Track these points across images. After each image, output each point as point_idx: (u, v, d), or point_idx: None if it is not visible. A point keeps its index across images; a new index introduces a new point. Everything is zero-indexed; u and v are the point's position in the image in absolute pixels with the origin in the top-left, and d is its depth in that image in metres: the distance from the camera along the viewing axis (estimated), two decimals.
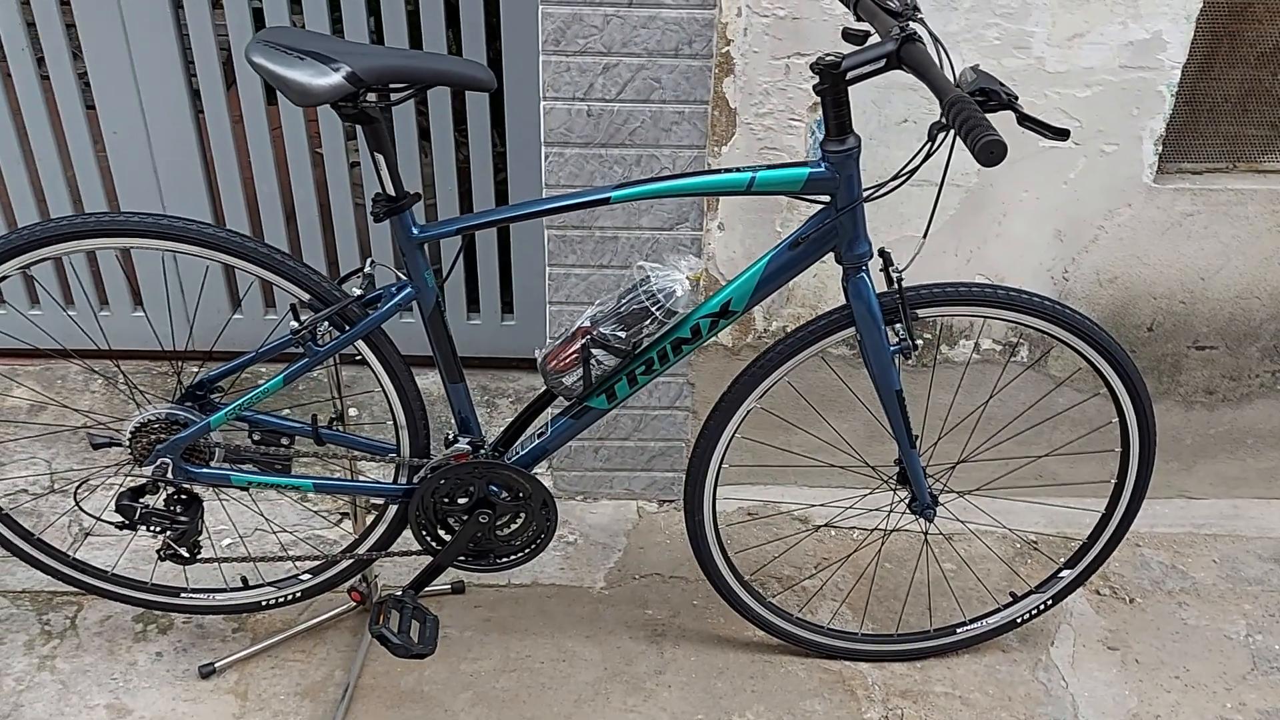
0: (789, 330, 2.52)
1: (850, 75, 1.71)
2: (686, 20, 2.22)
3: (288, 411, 2.78)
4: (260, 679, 2.28)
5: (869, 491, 2.30)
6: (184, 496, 2.07)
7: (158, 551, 2.10)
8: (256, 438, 2.10)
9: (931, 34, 1.78)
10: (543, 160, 2.35)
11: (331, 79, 1.65)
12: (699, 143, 2.34)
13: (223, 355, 2.13)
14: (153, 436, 2.00)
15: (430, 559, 2.16)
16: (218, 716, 2.20)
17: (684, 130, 2.33)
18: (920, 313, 1.97)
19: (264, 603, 2.29)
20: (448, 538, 2.14)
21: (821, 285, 2.49)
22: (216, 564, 2.18)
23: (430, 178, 2.77)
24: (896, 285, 1.91)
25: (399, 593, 2.16)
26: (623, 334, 1.92)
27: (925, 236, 1.86)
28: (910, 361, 2.58)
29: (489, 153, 2.71)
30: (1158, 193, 2.41)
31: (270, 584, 2.29)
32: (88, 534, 2.58)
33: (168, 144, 2.72)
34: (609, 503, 2.81)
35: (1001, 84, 1.57)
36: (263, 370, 2.11)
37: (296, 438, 2.10)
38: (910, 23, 1.74)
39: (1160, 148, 2.36)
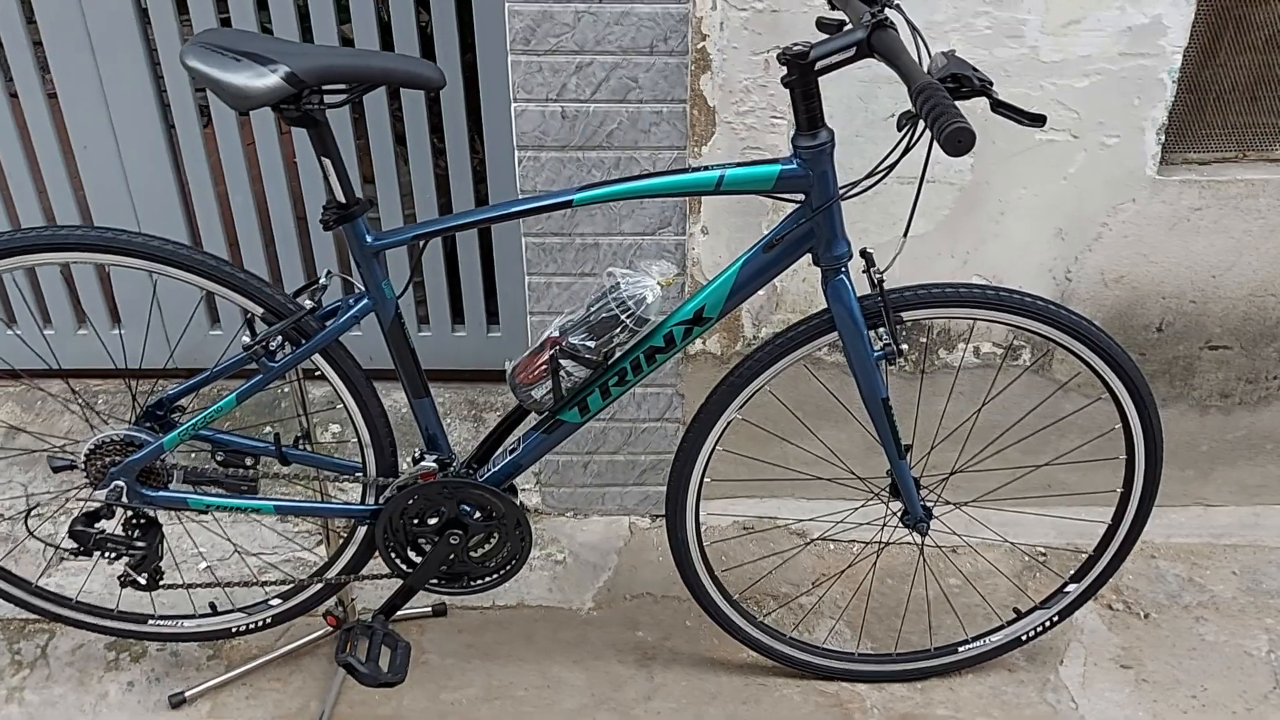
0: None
1: (819, 65, 1.62)
2: (661, 15, 2.13)
3: (267, 429, 2.71)
4: (233, 709, 2.20)
5: (861, 505, 2.19)
6: (142, 521, 1.99)
7: (118, 578, 2.02)
8: (220, 458, 2.02)
9: (908, 21, 1.68)
10: (516, 165, 2.26)
11: (269, 80, 1.57)
12: (679, 143, 2.24)
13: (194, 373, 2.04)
14: (108, 459, 1.93)
15: (401, 582, 2.08)
16: None
17: (663, 131, 2.23)
18: (905, 315, 1.86)
19: (234, 629, 2.21)
20: (418, 560, 2.05)
21: (812, 290, 2.39)
22: (185, 590, 2.09)
23: (408, 186, 2.68)
24: (878, 287, 1.81)
25: (369, 618, 2.07)
26: (592, 344, 1.83)
27: (906, 235, 1.75)
28: (906, 367, 2.48)
29: (467, 159, 2.63)
30: (1163, 186, 2.29)
31: (240, 610, 2.21)
32: (63, 558, 2.51)
33: (139, 158, 2.65)
34: (600, 519, 2.71)
35: (975, 69, 1.46)
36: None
37: (262, 458, 2.03)
38: (885, 9, 1.64)
39: (1163, 138, 2.24)
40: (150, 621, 2.21)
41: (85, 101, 2.57)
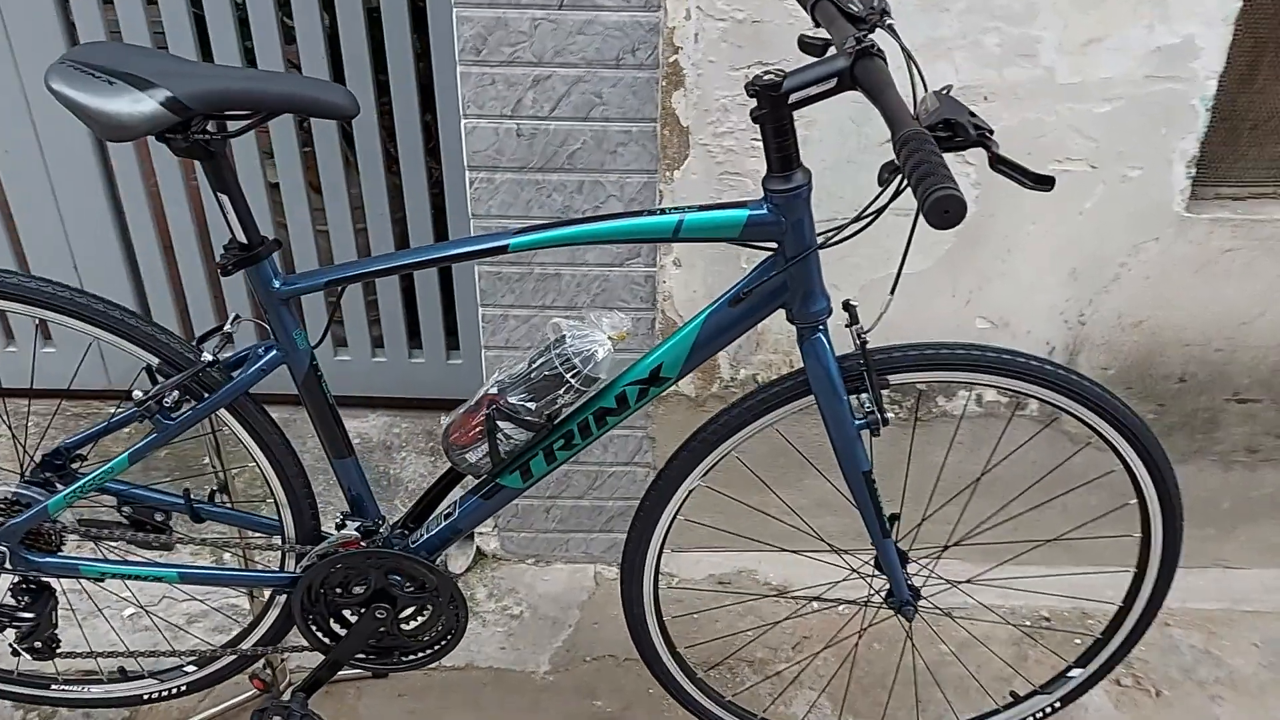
0: (758, 378, 2.21)
1: (793, 98, 1.38)
2: (629, 24, 1.90)
3: (205, 461, 2.50)
4: None
5: (841, 579, 1.96)
6: (32, 587, 1.77)
7: (10, 645, 1.81)
8: (127, 512, 1.81)
9: (902, 45, 1.43)
10: (467, 187, 2.04)
11: (145, 107, 1.34)
12: (649, 166, 2.01)
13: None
14: None
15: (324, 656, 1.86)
16: None
17: (632, 152, 2.01)
18: (891, 379, 1.63)
19: (145, 696, 2.00)
20: (343, 632, 1.83)
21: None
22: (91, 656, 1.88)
23: (359, 198, 2.44)
24: (860, 348, 1.58)
25: (288, 696, 1.86)
26: (533, 405, 1.60)
27: (893, 293, 1.51)
28: (900, 414, 2.24)
29: (423, 171, 2.39)
30: (1191, 224, 2.05)
31: (152, 675, 1.99)
32: None
33: (66, 168, 2.41)
34: (563, 567, 2.49)
35: (971, 114, 1.22)
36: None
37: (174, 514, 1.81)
38: (874, 31, 1.40)
39: (1193, 171, 2.00)
40: (54, 686, 2.00)
41: (4, 103, 2.34)
